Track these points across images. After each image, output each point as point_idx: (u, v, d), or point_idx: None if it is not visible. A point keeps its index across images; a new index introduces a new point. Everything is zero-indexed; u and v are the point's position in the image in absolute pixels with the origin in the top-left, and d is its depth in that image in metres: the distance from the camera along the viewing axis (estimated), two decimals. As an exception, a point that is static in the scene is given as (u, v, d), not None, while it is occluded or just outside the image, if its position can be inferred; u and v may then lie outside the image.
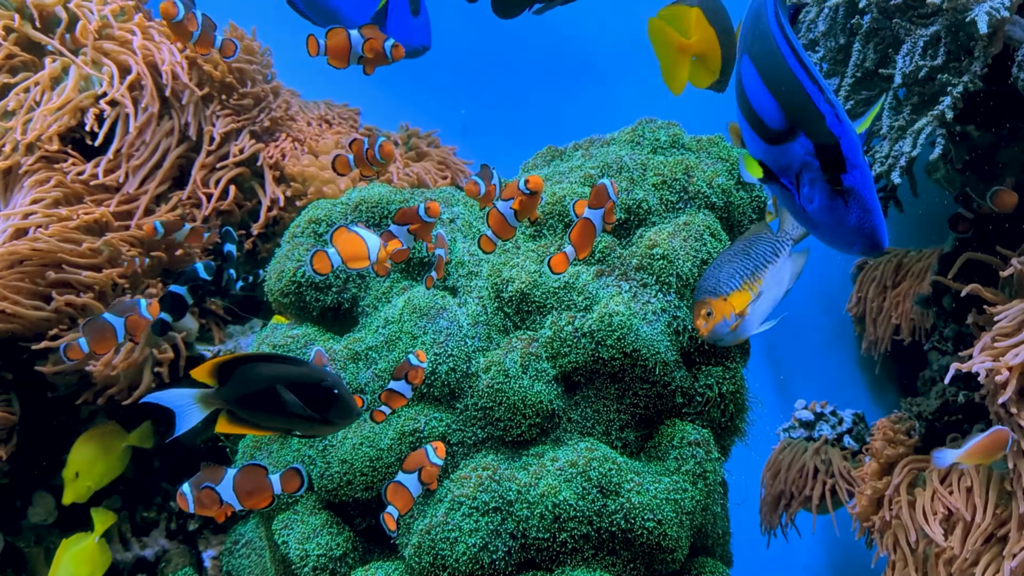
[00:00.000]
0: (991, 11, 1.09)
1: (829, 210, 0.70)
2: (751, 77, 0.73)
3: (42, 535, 1.35)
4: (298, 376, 0.81)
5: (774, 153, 0.71)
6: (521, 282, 1.06)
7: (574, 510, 0.96)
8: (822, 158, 0.69)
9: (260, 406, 0.81)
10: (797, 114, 0.70)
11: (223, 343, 1.40)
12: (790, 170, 0.71)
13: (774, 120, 0.71)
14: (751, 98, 0.73)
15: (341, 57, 0.97)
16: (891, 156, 1.21)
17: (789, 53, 0.71)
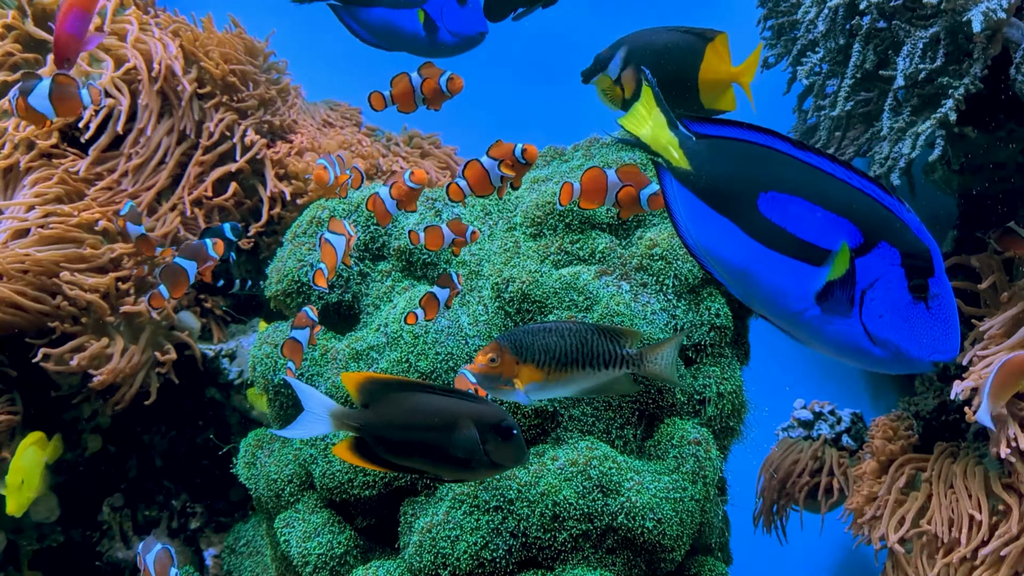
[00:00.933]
0: (987, 11, 1.09)
1: (906, 321, 0.68)
2: (795, 208, 0.71)
3: (45, 533, 1.35)
4: (469, 413, 0.75)
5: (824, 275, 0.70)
6: (522, 281, 1.07)
7: (574, 508, 0.96)
8: (910, 265, 0.68)
9: (405, 444, 0.75)
10: (878, 225, 0.69)
11: (224, 342, 1.41)
12: (850, 288, 0.70)
13: (839, 241, 0.69)
14: (798, 229, 0.70)
15: (407, 103, 0.98)
16: (890, 158, 1.21)
17: (843, 171, 0.70)
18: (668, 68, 0.97)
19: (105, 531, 1.38)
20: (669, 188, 0.76)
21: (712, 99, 0.98)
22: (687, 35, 0.99)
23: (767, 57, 1.47)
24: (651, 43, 0.99)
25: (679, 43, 0.98)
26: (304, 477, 1.10)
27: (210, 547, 1.39)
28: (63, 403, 1.32)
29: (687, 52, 0.97)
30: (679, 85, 0.96)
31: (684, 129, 0.75)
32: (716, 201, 0.74)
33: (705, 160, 0.75)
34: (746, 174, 0.73)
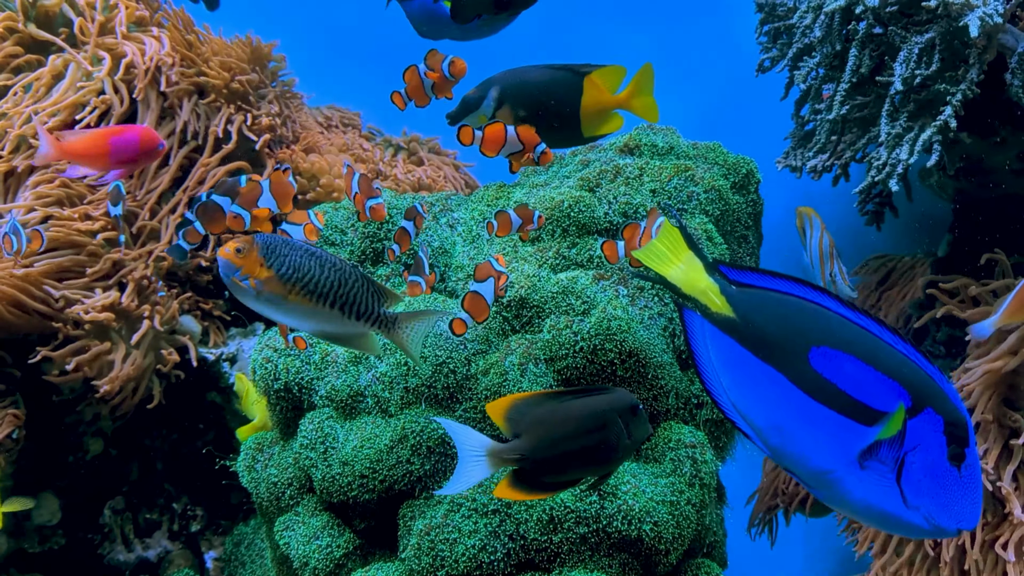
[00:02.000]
0: (983, 16, 1.10)
1: (941, 488, 0.69)
2: (847, 366, 0.71)
3: (47, 536, 1.36)
4: (610, 405, 0.74)
5: (873, 435, 0.71)
6: (520, 286, 1.07)
7: (571, 511, 0.97)
8: (950, 433, 0.70)
9: (566, 457, 0.73)
10: (925, 391, 0.70)
11: (225, 345, 1.41)
12: (897, 449, 0.70)
13: (889, 402, 0.70)
14: (849, 387, 0.71)
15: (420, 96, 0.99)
16: (888, 163, 1.22)
17: (889, 334, 0.72)
18: (548, 104, 1.00)
19: (106, 534, 1.39)
20: (699, 333, 0.75)
21: (595, 127, 1.01)
22: (561, 71, 1.02)
23: (763, 60, 1.48)
24: (526, 82, 1.01)
25: (556, 79, 1.01)
26: (304, 480, 1.11)
27: (211, 550, 1.39)
28: (64, 406, 1.32)
29: (566, 87, 1.00)
30: (559, 118, 0.98)
31: (720, 275, 0.75)
32: (764, 351, 0.73)
33: (751, 309, 0.74)
34: (797, 327, 0.73)
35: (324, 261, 0.80)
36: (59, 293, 1.24)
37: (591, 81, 0.98)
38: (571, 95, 0.98)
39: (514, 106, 0.99)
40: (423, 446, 1.02)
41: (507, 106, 0.99)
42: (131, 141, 1.08)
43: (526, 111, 0.99)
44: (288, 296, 0.78)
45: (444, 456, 1.03)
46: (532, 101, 0.99)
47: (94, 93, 1.35)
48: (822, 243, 1.08)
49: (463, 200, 1.25)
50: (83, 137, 1.08)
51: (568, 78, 1.00)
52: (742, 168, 1.22)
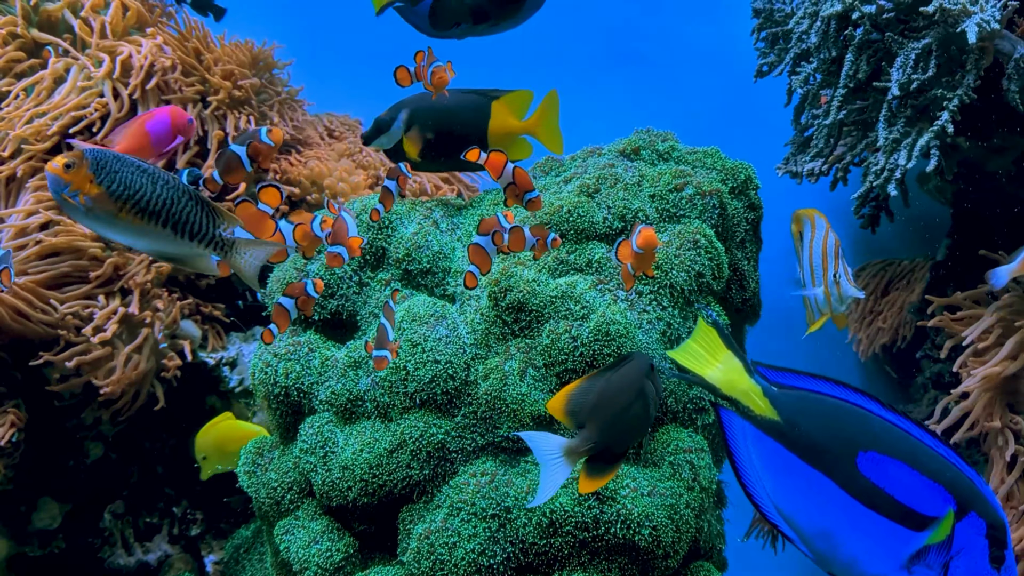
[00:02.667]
0: (981, 22, 1.11)
1: None
2: (893, 471, 0.72)
3: (47, 540, 1.36)
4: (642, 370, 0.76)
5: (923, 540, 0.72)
6: (519, 291, 1.08)
7: (571, 516, 0.97)
8: (992, 536, 0.71)
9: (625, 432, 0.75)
10: (968, 495, 0.71)
11: (225, 350, 1.42)
12: (945, 554, 0.71)
13: (937, 506, 0.71)
14: (897, 492, 0.72)
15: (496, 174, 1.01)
16: (886, 169, 1.23)
17: (930, 438, 0.72)
18: (456, 127, 1.01)
19: (107, 538, 1.39)
20: (739, 434, 0.76)
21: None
22: (471, 95, 1.04)
23: (761, 66, 1.49)
24: (435, 105, 1.03)
25: (464, 103, 1.03)
26: (304, 484, 1.11)
27: (211, 553, 1.40)
28: (65, 411, 1.33)
29: (474, 111, 1.02)
30: (467, 142, 1.00)
31: (761, 376, 0.75)
32: (812, 456, 0.74)
33: (796, 412, 0.75)
34: (844, 431, 0.73)
35: (157, 178, 0.78)
36: (64, 307, 1.25)
37: (499, 106, 1.01)
38: (479, 119, 1.00)
39: (423, 128, 1.01)
40: (423, 451, 1.03)
41: (416, 128, 1.01)
42: (164, 123, 1.10)
43: (434, 134, 1.01)
44: (119, 214, 0.77)
45: (443, 461, 1.04)
46: (440, 124, 1.02)
47: (95, 96, 1.36)
48: (826, 242, 1.07)
49: (464, 205, 1.26)
50: (126, 136, 1.09)
51: (477, 102, 1.02)
52: (740, 173, 1.23)
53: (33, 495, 1.34)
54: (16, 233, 1.28)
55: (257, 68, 1.53)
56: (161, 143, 1.11)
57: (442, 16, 1.17)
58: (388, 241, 1.20)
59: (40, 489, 1.35)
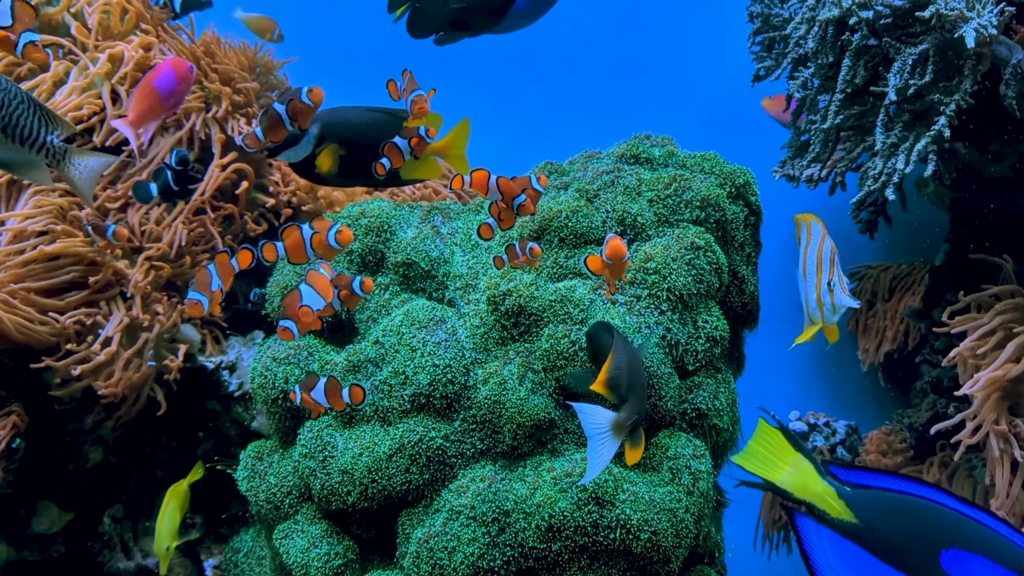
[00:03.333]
0: (979, 28, 1.11)
1: None
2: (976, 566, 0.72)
3: (46, 545, 1.36)
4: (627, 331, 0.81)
5: None
6: (518, 295, 1.08)
7: (570, 520, 0.97)
8: None
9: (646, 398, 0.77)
10: None
11: (224, 354, 1.42)
12: None
13: None
14: None
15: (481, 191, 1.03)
16: (884, 173, 1.23)
17: (1004, 527, 0.72)
18: (368, 143, 1.02)
19: (106, 542, 1.39)
20: (814, 538, 0.75)
21: (412, 171, 1.04)
22: (382, 115, 1.05)
23: (758, 70, 1.49)
24: (347, 121, 1.03)
25: (375, 121, 1.04)
26: (303, 489, 1.11)
27: (210, 558, 1.40)
28: (64, 415, 1.33)
29: (385, 129, 1.03)
30: (379, 157, 1.02)
31: (834, 477, 0.74)
32: (894, 557, 0.73)
33: (873, 513, 0.74)
34: (924, 530, 0.73)
35: None
36: (66, 315, 1.25)
37: (410, 127, 1.02)
38: (391, 136, 1.01)
39: (333, 146, 1.01)
40: (422, 455, 1.03)
41: (327, 143, 1.01)
42: (169, 77, 1.11)
43: (346, 150, 1.02)
44: None
45: (442, 465, 1.04)
46: (352, 140, 1.02)
47: (95, 97, 1.36)
48: (822, 248, 1.07)
49: (462, 210, 1.26)
50: (137, 99, 1.10)
51: (388, 121, 1.03)
52: (739, 178, 1.23)
53: (32, 499, 1.34)
54: (13, 237, 1.28)
55: (255, 73, 1.53)
56: (170, 97, 1.13)
57: (420, 25, 1.18)
58: (387, 245, 1.20)
59: (40, 493, 1.35)
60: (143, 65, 1.39)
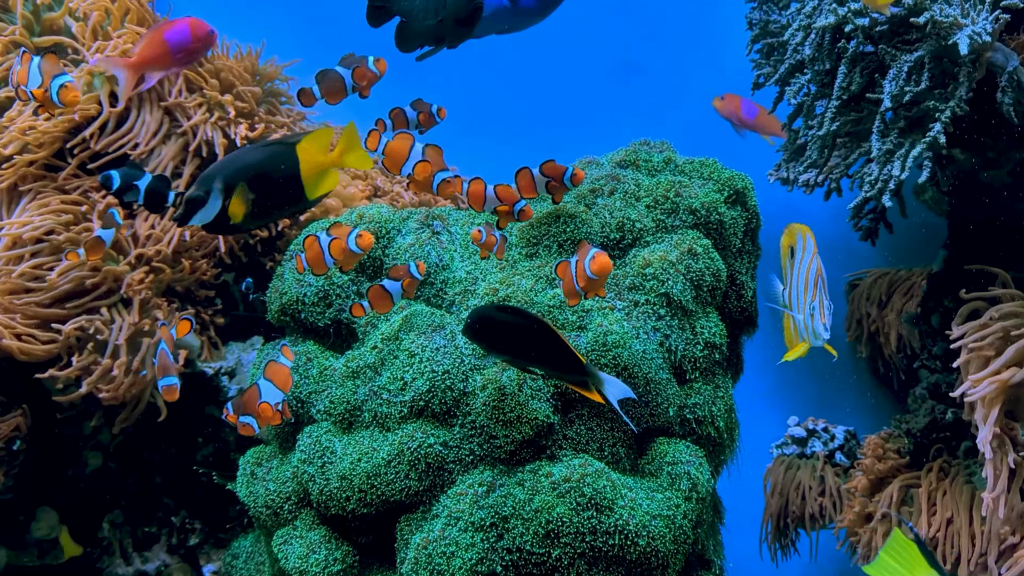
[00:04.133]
0: (972, 35, 1.12)
1: None
2: None
3: (45, 550, 1.36)
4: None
5: None
6: (517, 300, 1.08)
7: (569, 525, 0.97)
8: None
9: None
10: None
11: (224, 359, 1.42)
12: None
13: None
14: None
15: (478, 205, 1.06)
16: (880, 179, 1.23)
17: None
18: (272, 180, 1.04)
19: (105, 548, 1.39)
20: None
21: (316, 189, 1.06)
22: (273, 146, 1.07)
23: (758, 77, 1.50)
24: (245, 165, 1.04)
25: (271, 155, 1.05)
26: (302, 494, 1.11)
27: (209, 563, 1.40)
28: (64, 420, 1.33)
29: (283, 160, 1.04)
30: (284, 191, 1.03)
31: None
32: None
33: None
34: None
35: None
36: (69, 324, 1.25)
37: (303, 149, 1.04)
38: (290, 166, 1.03)
39: (242, 191, 1.02)
40: (421, 461, 1.03)
41: (237, 192, 1.02)
42: (184, 33, 1.11)
43: (254, 192, 1.02)
44: None
45: (441, 471, 1.04)
46: (256, 182, 1.03)
47: (94, 100, 1.36)
48: (811, 267, 1.06)
49: (461, 216, 1.27)
50: (144, 44, 1.10)
51: (282, 151, 1.04)
52: (737, 183, 1.23)
53: (32, 505, 1.35)
54: (10, 243, 1.29)
55: (258, 79, 1.53)
56: (180, 52, 1.12)
57: (406, 40, 1.20)
58: (385, 251, 1.21)
59: (39, 499, 1.35)
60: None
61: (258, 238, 1.46)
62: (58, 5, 1.43)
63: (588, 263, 0.93)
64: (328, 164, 1.04)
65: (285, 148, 1.04)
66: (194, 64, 1.45)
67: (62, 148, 1.37)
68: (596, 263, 0.92)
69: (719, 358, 1.15)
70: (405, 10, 1.17)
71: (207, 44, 1.15)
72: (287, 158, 1.03)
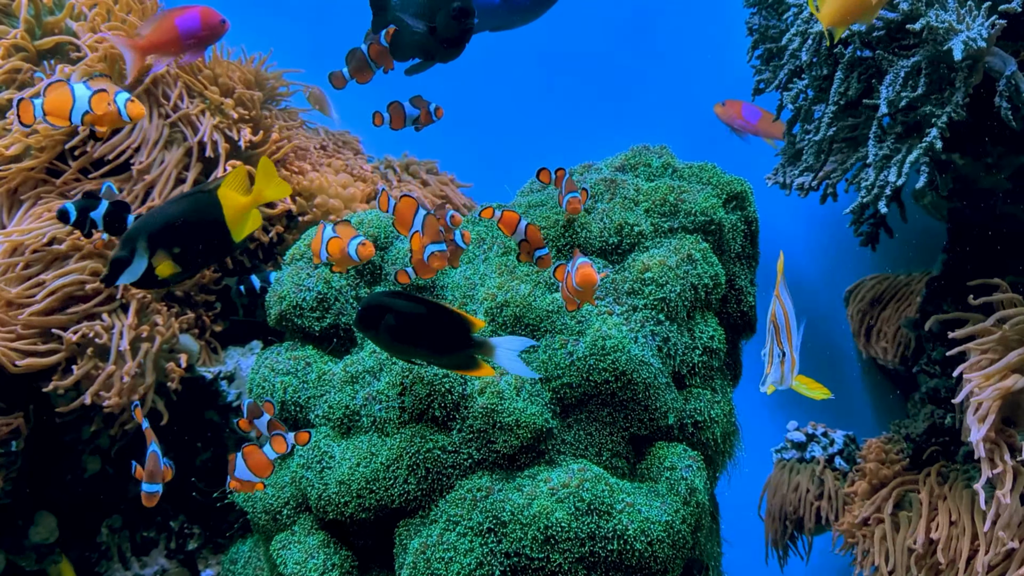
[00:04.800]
0: (967, 41, 1.12)
1: None
2: None
3: (43, 554, 1.36)
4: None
5: None
6: (516, 305, 1.08)
7: (568, 531, 0.97)
8: None
9: None
10: None
11: (223, 364, 1.42)
12: None
13: None
14: None
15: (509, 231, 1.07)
16: (876, 185, 1.23)
17: None
18: (195, 231, 1.03)
19: (104, 552, 1.39)
20: None
21: (241, 231, 1.05)
22: (192, 196, 1.06)
23: (758, 83, 1.50)
24: (167, 220, 1.02)
25: (192, 205, 1.04)
26: (300, 499, 1.11)
27: (207, 568, 1.39)
28: (63, 424, 1.33)
29: (206, 207, 1.03)
30: (210, 239, 1.02)
31: None
32: None
33: None
34: None
35: None
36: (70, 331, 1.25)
37: (224, 194, 1.03)
38: (213, 212, 1.02)
39: (167, 247, 1.00)
40: (420, 466, 1.03)
41: (161, 251, 1.00)
42: (194, 20, 1.11)
43: (180, 247, 1.01)
44: None
45: (440, 475, 1.04)
46: (181, 235, 1.02)
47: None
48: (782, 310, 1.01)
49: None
50: (154, 28, 1.10)
51: (204, 199, 1.03)
52: (737, 188, 1.24)
53: (30, 509, 1.34)
54: (12, 250, 1.29)
55: (260, 85, 1.54)
56: (189, 38, 1.11)
57: (398, 49, 1.21)
58: (384, 257, 1.21)
59: (37, 503, 1.35)
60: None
61: (258, 243, 1.46)
62: (59, 9, 1.43)
63: (573, 274, 0.93)
64: (250, 204, 1.03)
65: (206, 195, 1.03)
66: (194, 70, 1.45)
67: (63, 151, 1.38)
68: (580, 275, 0.93)
69: (718, 363, 1.15)
70: (398, 20, 1.17)
71: (217, 33, 1.14)
72: (210, 205, 1.02)
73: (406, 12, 1.19)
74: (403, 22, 1.16)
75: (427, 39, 1.20)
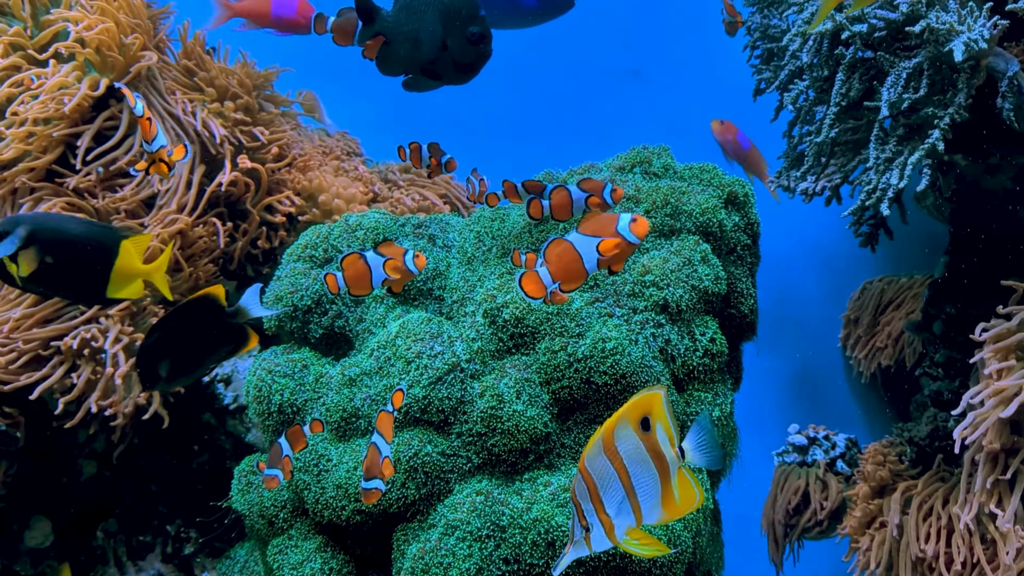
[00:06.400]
0: (968, 42, 1.11)
1: None
2: None
3: (39, 559, 1.35)
4: None
5: None
6: (515, 307, 1.08)
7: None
8: None
9: None
10: None
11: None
12: None
13: None
14: None
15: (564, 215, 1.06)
16: (879, 188, 1.23)
17: None
18: (81, 256, 0.98)
19: (100, 556, 1.38)
20: None
21: (118, 289, 1.01)
22: (98, 227, 1.03)
23: (759, 83, 1.50)
24: (62, 228, 0.98)
25: (94, 233, 1.00)
26: (297, 503, 1.11)
27: (204, 572, 1.39)
28: (59, 428, 1.33)
29: (102, 242, 0.99)
30: (89, 273, 0.98)
31: None
32: None
33: None
34: None
35: None
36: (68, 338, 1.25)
37: (128, 246, 0.99)
38: (106, 254, 0.98)
39: (43, 250, 0.95)
40: (418, 470, 1.02)
41: (34, 248, 0.95)
42: (291, 7, 1.14)
43: (54, 258, 0.96)
44: None
45: (438, 479, 1.03)
46: (64, 249, 0.97)
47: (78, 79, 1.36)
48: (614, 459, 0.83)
49: (459, 223, 1.26)
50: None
51: (106, 235, 1.00)
52: (737, 189, 1.23)
53: (25, 513, 1.34)
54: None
55: (257, 87, 1.53)
56: (280, 19, 1.19)
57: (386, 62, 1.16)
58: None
59: (32, 507, 1.34)
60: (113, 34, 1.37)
61: (260, 249, 1.46)
62: (55, 5, 1.43)
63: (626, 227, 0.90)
64: (141, 273, 1.00)
65: (110, 236, 0.99)
66: (194, 72, 1.45)
67: (64, 154, 1.37)
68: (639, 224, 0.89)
69: (718, 365, 1.14)
70: (389, 31, 1.11)
71: (303, 21, 1.18)
72: (109, 246, 0.98)
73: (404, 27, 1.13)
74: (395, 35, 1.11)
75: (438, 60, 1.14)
